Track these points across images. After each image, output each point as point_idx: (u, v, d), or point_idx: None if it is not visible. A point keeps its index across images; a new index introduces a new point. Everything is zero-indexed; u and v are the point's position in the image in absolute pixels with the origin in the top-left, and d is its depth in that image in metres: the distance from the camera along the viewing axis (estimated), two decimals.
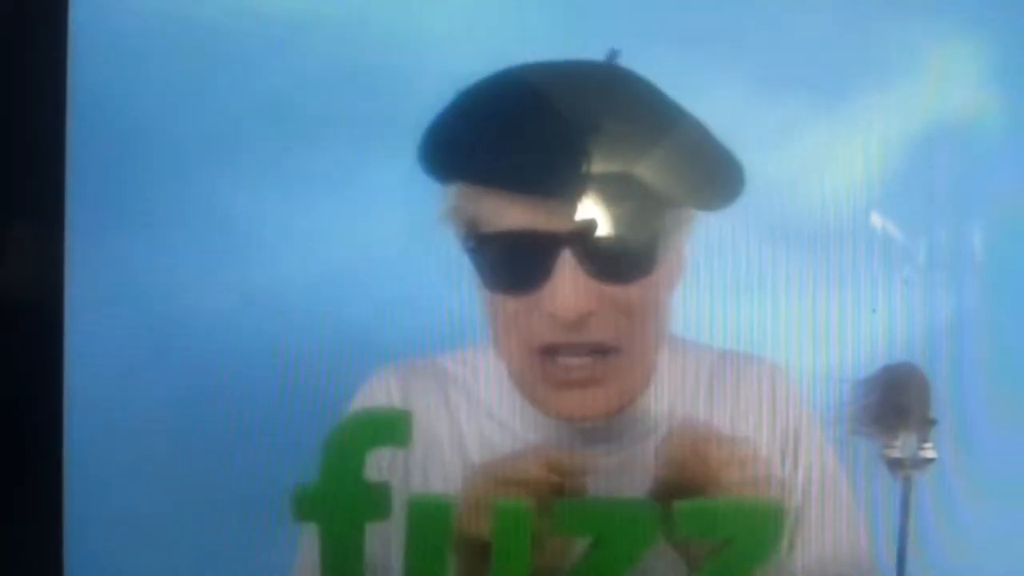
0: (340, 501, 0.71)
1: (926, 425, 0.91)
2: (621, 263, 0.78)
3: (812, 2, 0.88)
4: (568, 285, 0.76)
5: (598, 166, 0.77)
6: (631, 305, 0.79)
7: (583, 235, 0.77)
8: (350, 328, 0.82)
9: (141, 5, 0.80)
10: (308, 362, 0.83)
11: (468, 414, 0.82)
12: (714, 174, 0.80)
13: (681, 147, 0.80)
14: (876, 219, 0.90)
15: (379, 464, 0.78)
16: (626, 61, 0.81)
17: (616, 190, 0.78)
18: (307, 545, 0.79)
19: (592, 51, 0.82)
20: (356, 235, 0.83)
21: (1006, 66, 0.93)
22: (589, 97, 0.80)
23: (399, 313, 0.84)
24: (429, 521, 0.72)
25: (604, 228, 0.78)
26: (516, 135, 0.79)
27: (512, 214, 0.77)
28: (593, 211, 0.78)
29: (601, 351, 0.79)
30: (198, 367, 0.83)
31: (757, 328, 0.87)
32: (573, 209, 0.77)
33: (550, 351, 0.79)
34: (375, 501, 0.72)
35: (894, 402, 0.91)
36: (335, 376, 0.83)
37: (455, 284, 0.83)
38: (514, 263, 0.78)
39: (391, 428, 0.73)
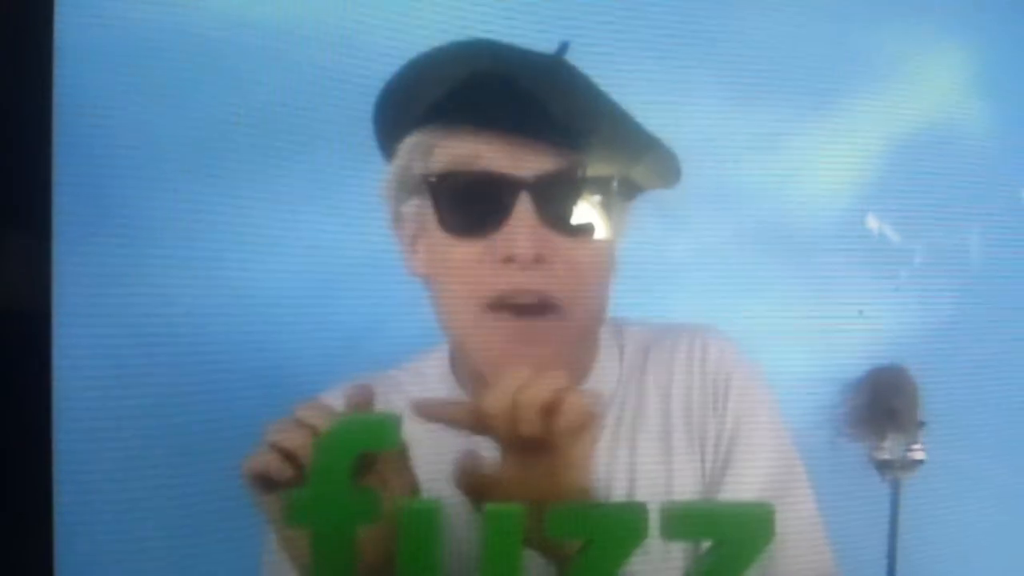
0: (330, 505, 0.71)
1: (915, 427, 0.91)
2: (575, 215, 0.80)
3: (799, 10, 0.89)
4: (526, 226, 0.77)
5: (560, 119, 0.79)
6: (579, 262, 0.80)
7: (543, 180, 0.78)
8: (338, 335, 0.83)
9: (127, 14, 0.80)
10: (296, 369, 0.83)
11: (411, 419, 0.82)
12: (655, 158, 0.81)
13: (626, 128, 0.81)
14: (864, 223, 0.90)
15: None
16: (615, 69, 0.82)
17: (576, 145, 0.79)
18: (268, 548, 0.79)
19: (580, 61, 0.83)
20: (343, 243, 0.83)
21: (992, 71, 0.94)
22: (545, 73, 0.81)
23: (387, 320, 0.84)
24: (419, 526, 0.72)
25: (563, 177, 0.79)
26: (480, 78, 0.79)
27: (472, 155, 0.78)
28: (554, 159, 0.79)
29: (549, 307, 0.80)
30: (186, 375, 0.83)
31: (746, 331, 0.87)
32: (535, 153, 0.78)
33: (497, 306, 0.79)
34: (365, 504, 0.72)
35: (883, 404, 0.92)
36: (323, 383, 0.83)
37: None
38: (472, 203, 0.78)
39: (380, 431, 0.73)
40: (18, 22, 0.80)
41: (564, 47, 0.82)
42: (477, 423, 0.72)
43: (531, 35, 0.82)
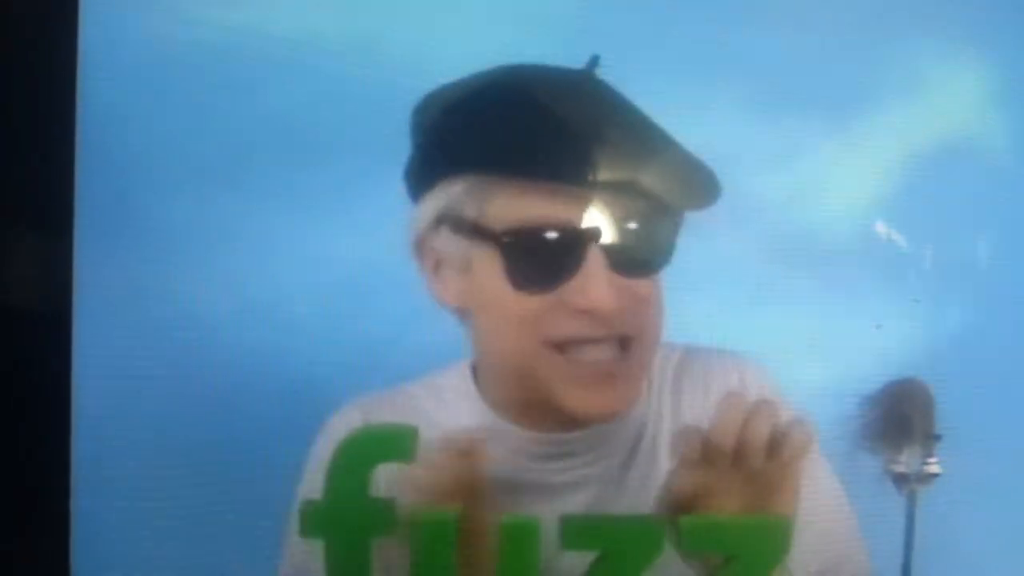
0: (346, 517, 0.71)
1: (930, 440, 0.91)
2: (640, 254, 0.80)
3: (819, 26, 0.89)
4: (601, 278, 0.77)
5: (615, 164, 0.78)
6: (646, 298, 0.80)
7: (609, 227, 0.78)
8: (358, 344, 0.83)
9: (150, 28, 0.81)
10: (314, 375, 0.83)
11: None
12: (696, 178, 0.80)
13: (669, 153, 0.81)
14: (882, 237, 0.90)
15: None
16: (633, 86, 0.82)
17: (630, 188, 0.78)
18: (291, 554, 0.80)
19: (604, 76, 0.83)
20: (362, 252, 0.83)
21: (1009, 85, 0.94)
22: (584, 100, 0.80)
23: (406, 330, 0.84)
24: (433, 537, 0.72)
25: (626, 220, 0.79)
26: (543, 125, 0.78)
27: (534, 207, 0.77)
28: (614, 202, 0.78)
29: (624, 344, 0.79)
30: (205, 380, 0.83)
31: (764, 345, 0.87)
32: (597, 201, 0.78)
33: (566, 347, 0.79)
34: (381, 517, 0.72)
35: (899, 418, 0.91)
36: (343, 391, 0.83)
37: None
38: (544, 256, 0.77)
39: (396, 443, 0.73)
40: (43, 36, 0.81)
41: (595, 60, 0.81)
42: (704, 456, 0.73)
43: (555, 52, 0.82)
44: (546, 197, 0.77)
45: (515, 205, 0.77)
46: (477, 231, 0.78)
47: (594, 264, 0.77)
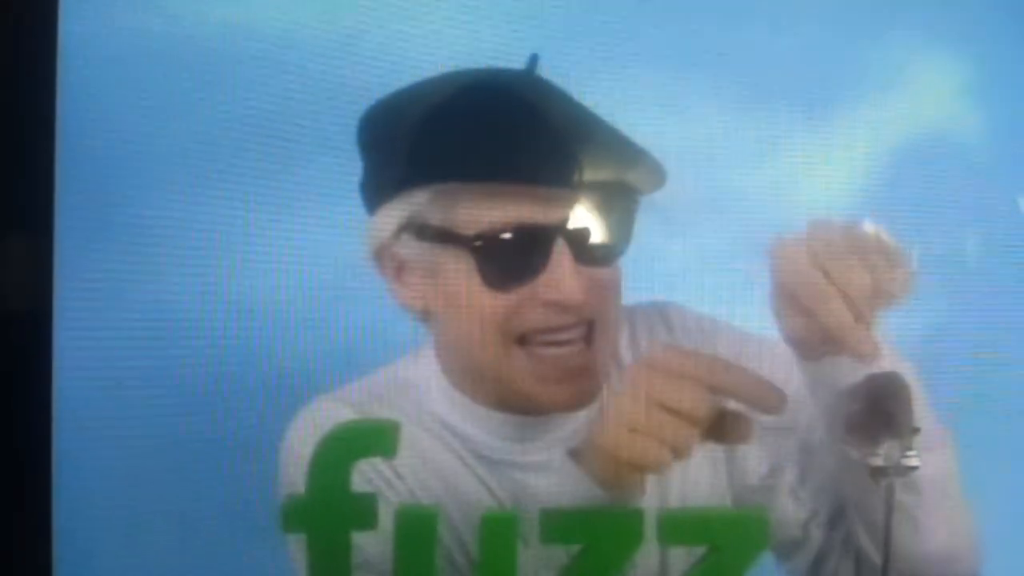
0: (327, 512, 0.71)
1: (910, 433, 0.91)
2: (601, 244, 0.83)
3: (797, 20, 0.89)
4: (567, 271, 0.80)
5: (578, 158, 0.81)
6: (608, 285, 0.84)
7: (571, 221, 0.81)
8: (339, 342, 0.83)
9: (131, 22, 0.81)
10: (296, 373, 0.83)
11: (417, 419, 0.85)
12: (644, 165, 0.84)
13: (615, 143, 0.84)
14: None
15: (365, 474, 0.79)
16: (611, 83, 0.83)
17: (591, 180, 0.82)
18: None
19: (582, 73, 0.84)
20: (345, 250, 0.84)
21: (988, 80, 0.94)
22: (532, 100, 0.83)
23: (387, 328, 0.84)
24: (416, 531, 0.72)
25: (585, 211, 0.82)
26: (506, 130, 0.81)
27: (499, 209, 0.80)
28: (573, 196, 0.82)
29: (590, 331, 0.83)
30: (187, 379, 0.83)
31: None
32: (564, 199, 0.81)
33: (534, 339, 0.82)
34: (361, 511, 0.72)
35: (878, 411, 0.92)
36: (324, 387, 0.83)
37: None
38: (511, 256, 0.80)
39: (378, 439, 0.74)
40: (22, 28, 0.81)
41: (535, 59, 0.84)
42: None
43: (533, 49, 0.84)
44: (509, 199, 0.80)
45: (481, 209, 0.80)
46: (444, 236, 0.81)
47: (561, 258, 0.80)
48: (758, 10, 0.89)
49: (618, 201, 0.84)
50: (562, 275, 0.80)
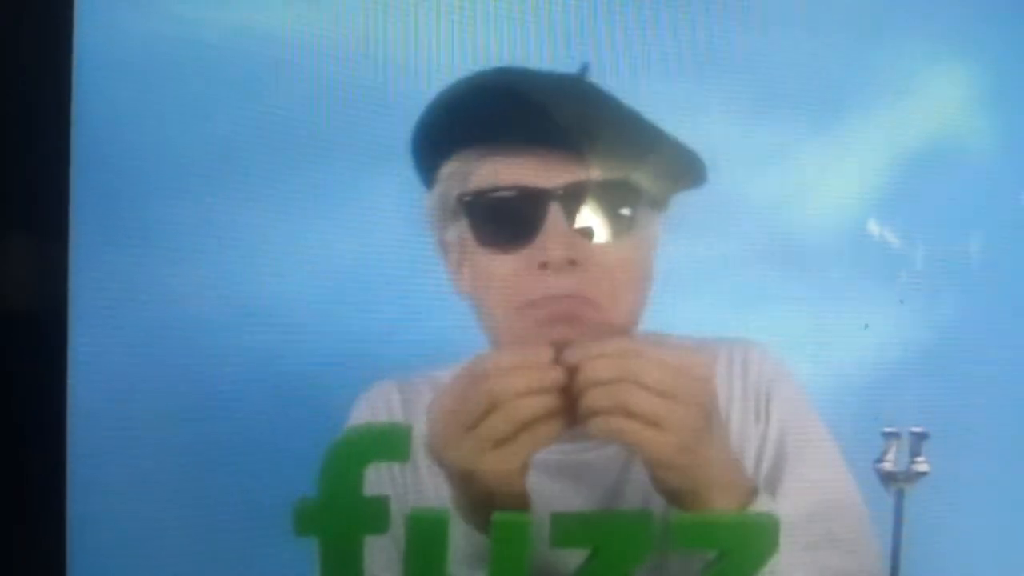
0: (339, 515, 0.72)
1: (918, 439, 0.91)
2: (604, 220, 0.83)
3: (810, 27, 0.90)
4: (558, 232, 0.81)
5: (581, 129, 0.82)
6: (611, 265, 0.84)
7: (571, 189, 0.82)
8: (351, 344, 0.83)
9: (145, 28, 0.81)
10: (310, 376, 0.84)
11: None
12: (677, 159, 0.85)
13: (646, 133, 0.84)
14: (870, 236, 0.91)
15: (379, 478, 0.79)
16: (623, 86, 0.84)
17: (599, 153, 0.83)
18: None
19: (599, 76, 0.85)
20: (357, 252, 0.84)
21: (998, 86, 0.94)
22: (566, 90, 0.85)
23: (399, 329, 0.85)
24: (427, 535, 0.72)
25: (589, 185, 0.83)
26: (505, 99, 0.83)
27: (503, 173, 0.83)
28: (580, 168, 0.82)
29: (582, 307, 0.82)
30: (201, 381, 0.83)
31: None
32: (562, 164, 0.82)
33: (532, 309, 0.82)
34: (373, 515, 0.72)
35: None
36: (336, 391, 0.84)
37: (455, 301, 0.84)
38: (507, 217, 0.82)
39: (391, 443, 0.74)
40: (37, 35, 0.81)
41: (585, 67, 0.85)
42: None
43: (549, 53, 0.85)
44: (511, 159, 0.83)
45: (485, 172, 0.83)
46: (459, 204, 0.83)
47: (555, 222, 0.81)
48: (767, 15, 0.89)
49: (632, 183, 0.84)
50: (553, 236, 0.81)
